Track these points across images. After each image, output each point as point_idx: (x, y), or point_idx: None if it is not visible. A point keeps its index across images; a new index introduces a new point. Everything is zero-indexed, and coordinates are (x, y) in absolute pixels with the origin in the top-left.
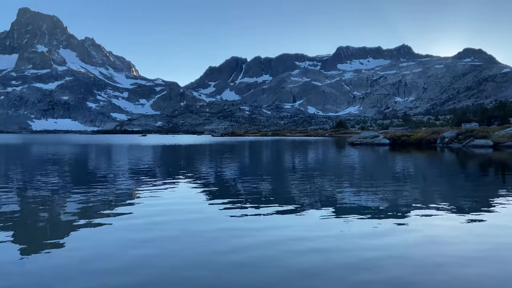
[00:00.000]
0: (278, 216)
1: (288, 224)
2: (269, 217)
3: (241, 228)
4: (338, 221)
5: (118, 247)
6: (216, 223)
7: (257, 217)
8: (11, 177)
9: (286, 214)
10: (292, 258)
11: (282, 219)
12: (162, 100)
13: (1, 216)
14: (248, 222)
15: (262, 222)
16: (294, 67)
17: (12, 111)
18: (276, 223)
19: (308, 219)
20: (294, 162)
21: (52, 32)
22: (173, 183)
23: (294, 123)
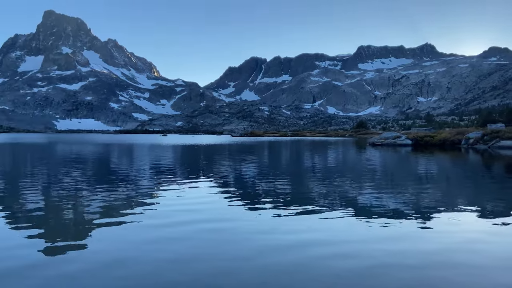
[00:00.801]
0: (298, 218)
1: (309, 227)
2: (289, 219)
3: (262, 231)
4: (359, 224)
5: (136, 249)
6: (237, 225)
7: (277, 219)
8: (37, 176)
9: (306, 215)
10: (316, 263)
11: (302, 221)
12: (182, 100)
13: (26, 214)
14: (269, 224)
15: (283, 225)
16: (314, 67)
17: (38, 111)
18: (297, 226)
19: (328, 221)
20: (314, 163)
21: (76, 34)
22: (193, 183)
23: (314, 123)
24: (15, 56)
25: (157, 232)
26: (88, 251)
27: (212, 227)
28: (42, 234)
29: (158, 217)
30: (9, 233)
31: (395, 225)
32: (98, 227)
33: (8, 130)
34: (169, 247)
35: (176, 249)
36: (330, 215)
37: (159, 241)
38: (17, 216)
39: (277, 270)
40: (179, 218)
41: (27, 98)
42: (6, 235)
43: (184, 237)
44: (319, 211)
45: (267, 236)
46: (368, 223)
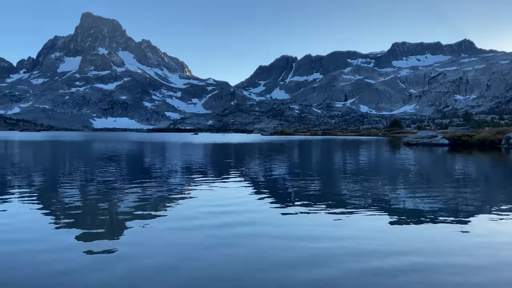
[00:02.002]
0: (331, 218)
1: (344, 230)
2: (322, 218)
3: (299, 238)
4: (394, 226)
5: (166, 248)
6: (270, 226)
7: (313, 223)
8: (75, 173)
9: (339, 215)
10: (352, 264)
11: (335, 223)
12: (213, 99)
13: (62, 210)
14: (304, 229)
15: (320, 231)
16: (346, 64)
17: (76, 110)
18: (331, 227)
19: (363, 223)
20: (345, 162)
21: (112, 35)
22: (224, 182)
23: (346, 122)
24: (55, 57)
25: (185, 234)
26: (118, 251)
27: (247, 231)
28: (76, 229)
29: (189, 218)
30: (48, 228)
31: (431, 227)
32: (129, 228)
33: (48, 128)
34: (203, 254)
35: (211, 257)
36: (364, 217)
37: (186, 242)
38: (56, 212)
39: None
40: (212, 220)
41: (65, 97)
42: (45, 231)
43: (220, 244)
44: (350, 212)
45: (306, 244)
46: (403, 224)
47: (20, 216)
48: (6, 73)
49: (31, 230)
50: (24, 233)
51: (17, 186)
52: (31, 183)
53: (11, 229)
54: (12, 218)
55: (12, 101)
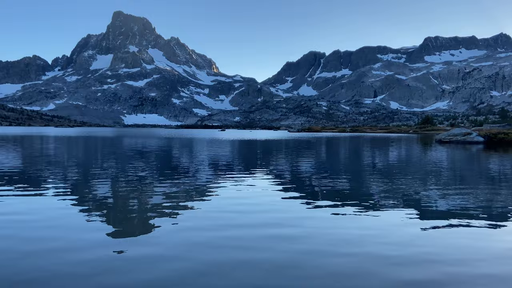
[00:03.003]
0: (359, 217)
1: (372, 229)
2: (350, 218)
3: (326, 233)
4: (435, 231)
5: (194, 251)
6: (297, 224)
7: (338, 217)
8: (106, 168)
9: (368, 214)
10: (388, 269)
11: (363, 221)
12: (240, 96)
13: (94, 206)
14: (330, 222)
15: (344, 223)
16: (376, 60)
17: (107, 106)
18: (360, 224)
19: (392, 222)
20: (374, 160)
21: (142, 33)
22: (251, 178)
23: (375, 119)
24: (88, 55)
25: (210, 231)
26: (142, 247)
27: (275, 233)
28: (107, 226)
29: (216, 218)
30: (81, 221)
31: (463, 229)
32: (157, 226)
33: (81, 124)
34: (223, 249)
35: (238, 260)
36: (393, 216)
37: (211, 239)
38: (87, 208)
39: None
40: (239, 220)
41: (98, 94)
42: (78, 223)
43: (250, 246)
44: (379, 210)
45: (340, 250)
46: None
47: (53, 212)
48: (41, 71)
49: (62, 226)
50: (56, 230)
51: (51, 180)
52: (64, 178)
53: (44, 226)
54: (44, 214)
55: (47, 98)
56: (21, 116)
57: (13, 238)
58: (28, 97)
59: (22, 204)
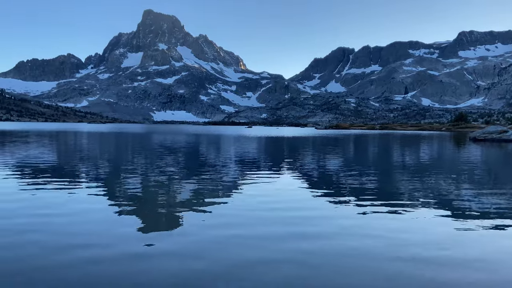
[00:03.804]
0: (389, 216)
1: (403, 229)
2: (379, 217)
3: (356, 233)
4: (469, 233)
5: (216, 243)
6: (324, 223)
7: (365, 216)
8: (136, 164)
9: (397, 214)
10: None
11: (393, 221)
12: (267, 92)
13: (124, 201)
14: (359, 221)
15: (372, 223)
16: (407, 55)
17: (137, 103)
18: (389, 225)
19: (424, 222)
20: (404, 158)
21: (171, 31)
22: (277, 175)
23: (405, 116)
24: (119, 53)
25: (235, 229)
26: (169, 241)
27: (301, 231)
28: (136, 217)
29: (241, 216)
30: (112, 215)
31: (498, 231)
32: (183, 219)
33: (113, 121)
34: (245, 248)
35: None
36: (423, 215)
37: (235, 237)
38: (118, 202)
39: None
40: (264, 217)
41: (128, 91)
42: (108, 217)
43: (275, 245)
44: (410, 209)
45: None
46: (467, 225)
47: (84, 206)
48: (75, 68)
49: (94, 222)
50: (87, 224)
51: (84, 175)
52: (96, 173)
53: (78, 221)
54: (76, 208)
55: (81, 95)
56: (56, 112)
57: (45, 232)
58: (62, 94)
59: (55, 198)
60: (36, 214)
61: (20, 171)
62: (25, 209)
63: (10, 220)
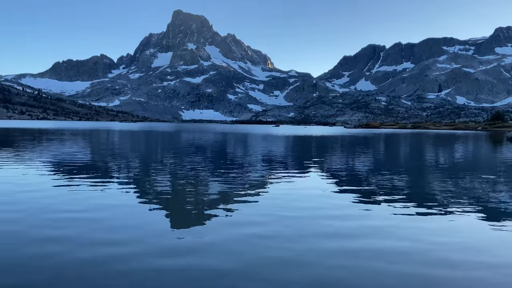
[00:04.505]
0: (421, 218)
1: (437, 232)
2: (407, 218)
3: (389, 233)
4: (493, 230)
5: (242, 241)
6: (354, 224)
7: (395, 217)
8: (166, 161)
9: (430, 215)
10: None
11: (426, 223)
12: (295, 91)
13: (154, 196)
14: (387, 220)
15: (404, 225)
16: (440, 52)
17: (167, 102)
18: (422, 227)
19: (457, 225)
20: (438, 158)
21: (200, 31)
22: (304, 174)
23: (439, 114)
24: (149, 53)
25: (261, 228)
26: (199, 237)
27: (321, 224)
28: (166, 213)
29: (267, 215)
30: (144, 215)
31: None
32: (210, 216)
33: (143, 119)
34: (275, 248)
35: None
36: (459, 218)
37: (261, 236)
38: (150, 199)
39: None
40: (291, 217)
41: (158, 91)
42: (139, 212)
43: (300, 244)
44: (442, 212)
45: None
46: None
47: (115, 202)
48: (108, 69)
49: (124, 217)
50: (117, 221)
51: (116, 172)
52: (128, 170)
53: (108, 217)
54: (107, 202)
55: (113, 94)
56: (89, 111)
57: (76, 228)
58: (96, 93)
59: (87, 194)
60: (68, 210)
61: (55, 168)
62: (58, 204)
63: (44, 215)
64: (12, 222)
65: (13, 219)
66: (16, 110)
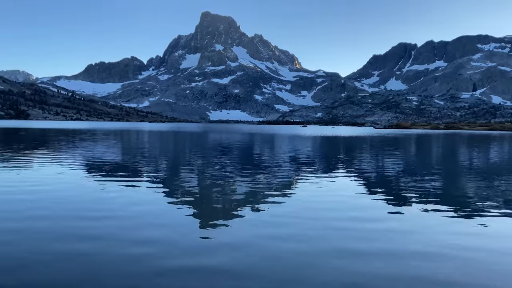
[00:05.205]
0: (451, 220)
1: (471, 234)
2: (444, 222)
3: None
4: None
5: (265, 239)
6: (383, 226)
7: (426, 219)
8: (194, 160)
9: (464, 218)
10: None
11: (456, 225)
12: (322, 91)
13: (182, 195)
14: (415, 222)
15: (434, 227)
16: (475, 50)
17: (194, 103)
18: (456, 230)
19: (491, 229)
20: (472, 160)
21: (228, 32)
22: (331, 175)
23: (474, 114)
24: (178, 55)
25: (282, 229)
26: (227, 237)
27: (346, 227)
28: (193, 212)
29: (292, 216)
30: (171, 210)
31: None
32: (236, 216)
33: (171, 120)
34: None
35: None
36: (493, 222)
37: (281, 238)
38: (179, 198)
39: None
40: (317, 218)
41: (186, 91)
42: (167, 211)
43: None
44: (475, 215)
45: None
46: None
47: (145, 200)
48: (138, 70)
49: (152, 215)
50: (155, 218)
51: (145, 171)
52: (157, 169)
53: (139, 215)
54: (136, 200)
55: (143, 96)
56: (120, 112)
57: (109, 228)
58: (126, 95)
59: (117, 192)
60: (97, 209)
61: (88, 167)
62: (89, 203)
63: (75, 213)
64: (44, 219)
65: (45, 216)
66: (51, 111)
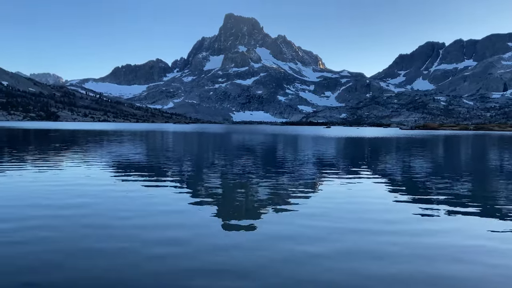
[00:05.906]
0: (478, 222)
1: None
2: (476, 223)
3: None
4: None
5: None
6: (411, 229)
7: (453, 222)
8: (217, 161)
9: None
10: None
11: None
12: (347, 92)
13: (205, 195)
14: (448, 225)
15: (462, 229)
16: (506, 49)
17: (218, 104)
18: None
19: None
20: (502, 162)
21: (251, 33)
22: (355, 177)
23: (504, 115)
24: (202, 57)
25: (306, 230)
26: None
27: (370, 230)
28: (216, 211)
29: (314, 218)
30: (195, 210)
31: None
32: (260, 215)
33: (195, 121)
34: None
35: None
36: None
37: (304, 240)
38: (203, 198)
39: None
40: (339, 220)
41: (210, 93)
42: (191, 212)
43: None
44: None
45: None
46: None
47: (168, 201)
48: (163, 72)
49: (175, 215)
50: (179, 218)
51: (170, 171)
52: (181, 169)
53: (162, 215)
54: (159, 200)
55: (167, 97)
56: (146, 113)
57: (131, 229)
58: (151, 96)
59: (142, 193)
60: (123, 209)
61: (115, 168)
62: (114, 203)
63: (100, 212)
64: (69, 219)
65: (70, 216)
66: (80, 113)
